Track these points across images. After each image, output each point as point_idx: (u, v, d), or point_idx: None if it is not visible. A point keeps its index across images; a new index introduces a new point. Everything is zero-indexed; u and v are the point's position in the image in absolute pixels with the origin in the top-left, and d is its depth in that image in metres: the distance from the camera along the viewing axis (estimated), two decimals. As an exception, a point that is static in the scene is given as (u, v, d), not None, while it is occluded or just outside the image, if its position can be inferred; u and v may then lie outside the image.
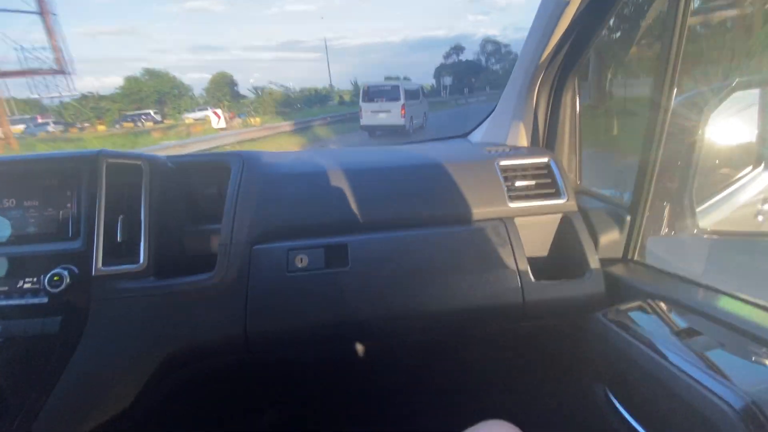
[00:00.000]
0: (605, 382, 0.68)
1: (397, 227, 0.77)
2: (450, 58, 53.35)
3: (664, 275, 0.71)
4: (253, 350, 0.70)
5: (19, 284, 0.64)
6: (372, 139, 12.33)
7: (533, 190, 0.83)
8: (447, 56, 53.82)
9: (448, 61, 52.17)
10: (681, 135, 0.73)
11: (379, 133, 12.46)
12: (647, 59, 0.84)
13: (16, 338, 0.62)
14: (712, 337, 0.55)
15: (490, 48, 53.40)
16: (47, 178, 0.68)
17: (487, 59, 53.00)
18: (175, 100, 33.05)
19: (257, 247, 0.72)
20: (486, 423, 0.50)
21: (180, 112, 29.30)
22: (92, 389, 0.63)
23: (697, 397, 0.47)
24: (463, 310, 0.73)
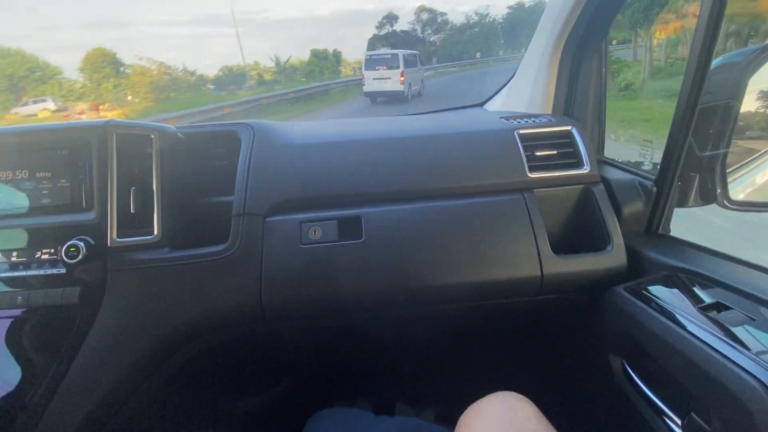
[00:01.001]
0: (623, 356, 0.68)
1: (412, 199, 0.75)
2: (383, 28, 51.82)
3: (691, 248, 0.69)
4: (268, 320, 0.70)
5: (37, 255, 0.65)
6: (374, 105, 13.33)
7: (554, 160, 0.80)
8: (380, 27, 52.05)
9: (382, 32, 50.70)
10: (715, 100, 0.69)
11: (380, 99, 13.42)
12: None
13: (38, 308, 0.63)
14: (741, 312, 0.53)
15: (425, 17, 52.01)
16: (57, 149, 0.67)
17: (424, 29, 51.83)
18: (37, 85, 26.30)
19: (270, 219, 0.71)
20: (497, 394, 0.49)
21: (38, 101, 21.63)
22: (112, 358, 0.64)
23: (724, 372, 0.46)
24: (479, 283, 0.72)
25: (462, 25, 51.65)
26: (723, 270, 0.61)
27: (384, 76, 12.96)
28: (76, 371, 0.62)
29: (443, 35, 49.88)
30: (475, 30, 49.60)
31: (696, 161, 0.70)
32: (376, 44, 43.95)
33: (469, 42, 44.57)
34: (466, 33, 49.57)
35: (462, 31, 50.28)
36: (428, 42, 50.12)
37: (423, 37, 50.82)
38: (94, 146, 0.67)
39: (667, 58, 4.62)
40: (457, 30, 50.68)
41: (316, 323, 0.76)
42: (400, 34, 48.45)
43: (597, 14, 0.84)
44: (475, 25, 50.33)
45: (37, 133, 0.68)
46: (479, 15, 50.62)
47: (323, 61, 36.67)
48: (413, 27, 51.52)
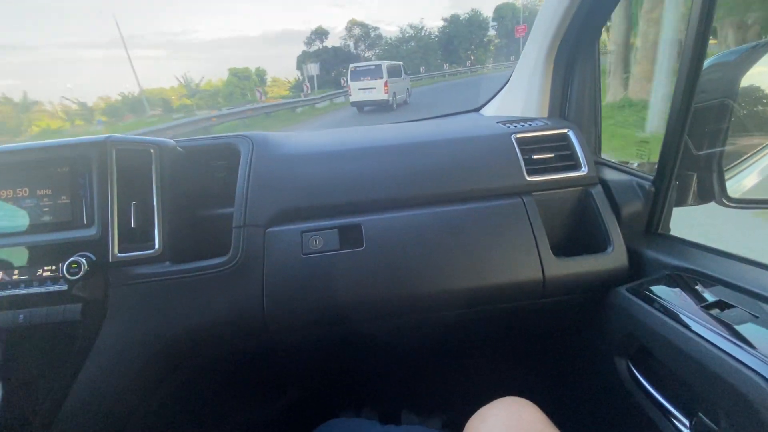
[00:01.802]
0: (628, 357, 0.67)
1: (411, 206, 0.75)
2: (313, 44, 47.65)
3: (691, 247, 0.69)
4: (271, 332, 0.70)
5: (38, 272, 0.65)
6: (361, 114, 13.76)
7: (552, 162, 0.80)
8: (309, 43, 47.63)
9: (312, 49, 46.67)
10: (710, 99, 0.69)
11: (367, 108, 13.92)
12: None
13: (40, 326, 0.63)
14: (745, 309, 0.53)
15: (358, 32, 48.85)
16: (57, 166, 0.68)
17: (357, 45, 48.41)
18: None
19: (271, 229, 0.71)
20: (502, 400, 0.49)
21: None
22: (116, 373, 0.64)
23: (731, 371, 0.46)
24: (481, 288, 0.71)
25: (397, 40, 48.12)
26: (725, 268, 0.61)
27: (369, 86, 13.45)
28: (80, 387, 0.61)
29: (378, 50, 47.11)
30: (411, 44, 46.59)
31: (693, 160, 0.71)
32: (306, 61, 39.03)
33: (407, 57, 40.49)
34: (403, 48, 46.44)
35: (398, 46, 46.97)
36: (362, 58, 45.43)
37: (356, 53, 47.64)
38: (94, 162, 0.67)
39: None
40: (392, 45, 47.45)
41: (319, 333, 0.76)
42: (331, 50, 45.10)
43: (589, 17, 0.85)
44: (411, 39, 47.24)
45: (37, 151, 0.68)
46: (414, 28, 47.50)
47: (245, 81, 33.84)
48: (345, 42, 48.46)
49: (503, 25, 45.75)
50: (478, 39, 47.63)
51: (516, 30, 33.03)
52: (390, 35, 49.94)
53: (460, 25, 46.79)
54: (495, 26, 47.75)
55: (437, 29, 48.96)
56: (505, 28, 45.15)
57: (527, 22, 36.17)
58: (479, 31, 47.13)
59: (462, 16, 47.85)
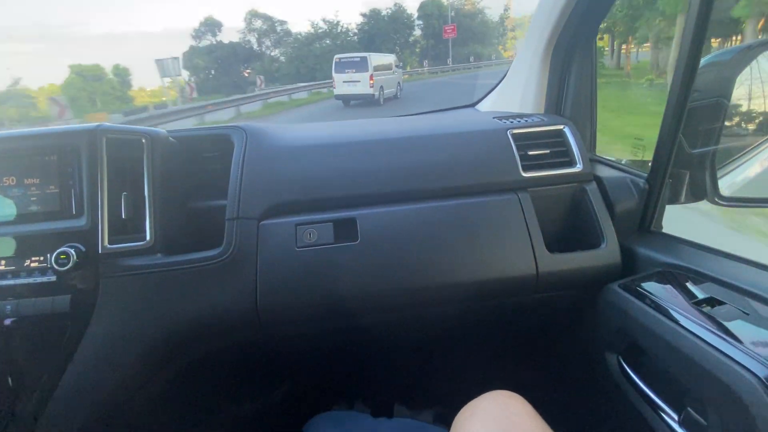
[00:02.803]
0: (619, 352, 0.68)
1: (407, 200, 0.75)
2: (203, 39, 35.37)
3: (684, 244, 0.69)
4: (264, 325, 0.70)
5: (26, 263, 0.64)
6: (347, 108, 12.88)
7: (547, 159, 0.80)
8: (198, 36, 35.13)
9: (202, 43, 35.23)
10: (704, 98, 0.70)
11: (353, 102, 13.10)
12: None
13: (28, 318, 0.62)
14: (735, 307, 0.54)
15: (260, 26, 37.87)
16: (46, 155, 0.66)
17: (260, 41, 37.68)
18: None
19: (265, 222, 0.71)
20: (491, 393, 0.49)
21: None
22: (106, 367, 0.63)
23: (719, 366, 0.46)
24: (475, 283, 0.72)
25: (309, 36, 37.87)
26: (716, 265, 0.62)
27: (353, 79, 12.67)
28: (69, 380, 0.60)
29: (288, 49, 37.22)
30: (326, 42, 37.39)
31: (687, 158, 0.71)
32: (194, 59, 32.75)
33: (322, 57, 32.54)
34: (316, 45, 36.97)
35: (309, 43, 36.99)
36: (268, 57, 37.31)
37: (260, 51, 37.66)
38: (84, 151, 0.66)
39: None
40: (303, 42, 37.16)
41: (312, 327, 0.76)
42: (228, 46, 35.14)
43: (587, 14, 0.85)
44: (325, 36, 38.00)
45: (24, 139, 0.66)
46: (329, 23, 38.59)
47: (94, 82, 25.09)
48: (244, 37, 37.46)
49: (430, 25, 38.72)
50: (403, 39, 40.28)
51: (444, 30, 28.68)
52: (301, 31, 40.08)
53: (382, 21, 39.13)
54: (421, 25, 40.18)
55: (356, 26, 40.60)
56: (432, 27, 38.22)
57: (455, 22, 33.14)
58: (404, 30, 40.05)
59: (383, 12, 39.84)
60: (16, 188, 0.65)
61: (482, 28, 42.33)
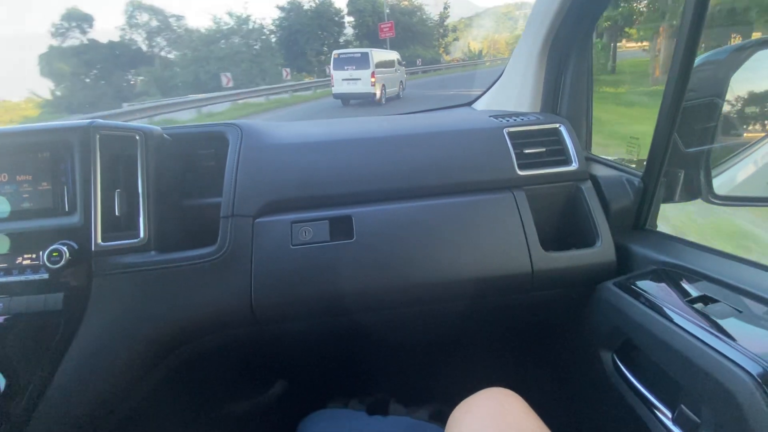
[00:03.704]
0: (614, 350, 0.68)
1: (402, 198, 0.75)
2: (68, 36, 25.99)
3: (678, 243, 0.70)
4: (259, 323, 0.69)
5: (18, 261, 0.63)
6: (346, 108, 12.30)
7: (543, 157, 0.80)
8: (60, 34, 25.82)
9: (66, 43, 26.05)
10: (699, 97, 0.70)
11: (353, 101, 12.42)
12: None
13: (21, 315, 0.61)
14: (729, 305, 0.54)
15: (147, 21, 28.87)
16: (39, 151, 0.65)
17: (150, 40, 28.81)
18: None
19: (260, 220, 0.70)
20: (486, 390, 0.50)
21: None
22: (99, 364, 0.62)
23: (713, 364, 0.47)
24: (470, 281, 0.72)
25: (210, 33, 29.12)
26: (710, 264, 0.62)
27: (353, 76, 11.94)
28: (62, 379, 0.60)
29: (188, 52, 28.07)
30: (234, 41, 29.05)
31: (681, 157, 0.72)
32: (55, 63, 24.14)
33: (228, 60, 25.95)
34: (220, 45, 28.42)
35: (213, 42, 28.32)
36: (161, 60, 28.44)
37: (151, 53, 28.57)
38: (77, 148, 0.65)
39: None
40: (202, 41, 28.67)
41: (307, 325, 0.76)
42: (106, 46, 25.99)
43: (583, 12, 0.85)
44: (233, 33, 29.45)
45: (16, 135, 0.66)
46: (236, 18, 29.94)
47: None
48: (126, 36, 27.96)
49: (363, 22, 32.84)
50: (333, 38, 33.46)
51: (380, 29, 23.37)
52: (200, 27, 32.37)
53: (305, 17, 31.97)
54: (352, 22, 34.33)
55: (272, 21, 33.12)
56: (366, 26, 32.63)
57: (392, 19, 27.99)
58: (333, 28, 33.32)
59: (306, 5, 32.72)
60: (8, 185, 0.65)
61: (422, 27, 37.50)
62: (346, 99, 12.44)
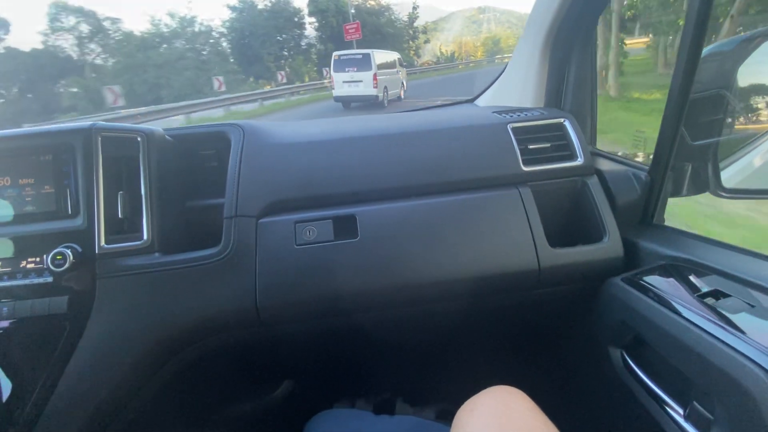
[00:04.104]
0: (622, 347, 0.68)
1: (406, 196, 0.75)
2: None
3: (687, 237, 0.69)
4: (264, 324, 0.69)
5: (22, 264, 0.63)
6: (347, 111, 11.67)
7: (548, 153, 0.80)
8: None
9: None
10: (706, 89, 0.69)
11: (354, 104, 11.95)
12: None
13: (25, 319, 0.61)
14: (740, 299, 0.53)
15: (73, 24, 24.36)
16: (40, 154, 0.65)
17: (81, 45, 24.33)
18: None
19: (263, 220, 0.70)
20: (492, 389, 0.49)
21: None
22: (104, 367, 0.62)
23: (726, 359, 0.46)
24: (476, 278, 0.71)
25: (148, 37, 25.04)
26: (719, 258, 0.61)
27: (355, 78, 11.48)
28: (67, 382, 0.60)
29: (121, 59, 23.55)
30: (176, 45, 24.96)
31: (688, 151, 0.71)
32: None
33: (170, 67, 22.13)
34: (161, 50, 24.32)
35: (148, 48, 24.09)
36: (92, 68, 24.06)
37: (83, 61, 24.20)
38: (79, 151, 0.65)
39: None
40: (136, 46, 24.16)
41: (313, 325, 0.75)
42: (27, 54, 22.07)
43: (586, 6, 0.84)
44: (175, 37, 25.30)
45: (18, 139, 0.65)
46: (179, 20, 25.74)
47: None
48: (48, 42, 23.62)
49: (327, 23, 29.01)
50: (293, 41, 29.90)
51: (345, 30, 20.46)
52: (135, 30, 27.19)
53: (259, 17, 28.06)
54: (315, 24, 30.28)
55: (221, 22, 29.17)
56: (330, 27, 28.74)
57: (358, 20, 24.11)
58: (292, 30, 29.57)
59: (260, 4, 28.83)
60: (11, 189, 0.64)
61: (391, 28, 34.21)
62: (347, 102, 12.02)
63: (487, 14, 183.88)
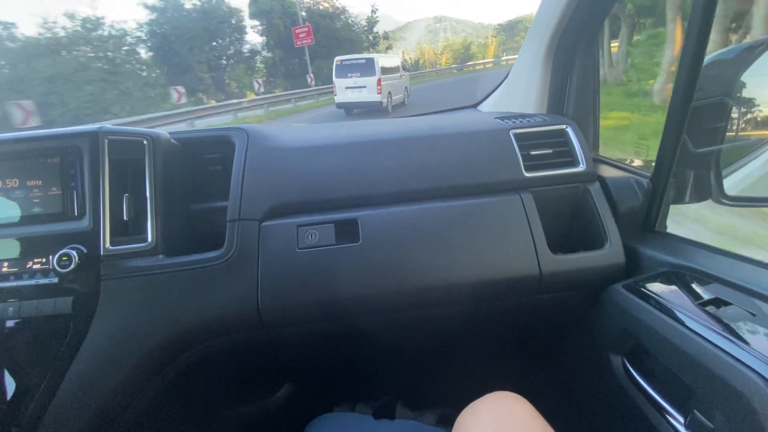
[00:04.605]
0: (623, 354, 0.67)
1: (408, 200, 0.75)
2: None
3: (688, 245, 0.69)
4: (265, 326, 0.69)
5: (28, 265, 0.64)
6: (349, 117, 11.07)
7: (550, 159, 0.80)
8: None
9: None
10: (708, 97, 0.69)
11: (356, 111, 11.49)
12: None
13: (31, 319, 0.62)
14: (742, 307, 0.53)
15: None
16: (48, 157, 0.66)
17: None
18: None
19: (266, 223, 0.71)
20: (493, 394, 0.49)
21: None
22: (108, 368, 0.63)
23: (726, 368, 0.46)
24: (477, 284, 0.71)
25: (40, 43, 16.15)
26: (721, 266, 0.61)
27: (358, 84, 11.03)
28: (71, 382, 0.60)
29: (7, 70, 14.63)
30: (63, 54, 16.54)
31: (691, 158, 0.71)
32: None
33: (60, 79, 15.00)
34: (58, 61, 15.76)
35: (36, 57, 15.32)
36: None
37: None
38: (86, 153, 0.66)
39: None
40: (24, 55, 15.34)
41: (314, 328, 0.75)
42: None
43: (590, 11, 0.84)
44: (76, 43, 17.14)
45: (26, 141, 0.66)
46: (82, 23, 17.82)
47: None
48: None
49: (273, 27, 24.39)
50: (234, 48, 24.67)
51: (294, 35, 17.49)
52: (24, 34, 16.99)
53: (186, 18, 22.14)
54: (259, 28, 25.40)
55: (137, 26, 22.49)
56: (277, 31, 24.28)
57: (310, 23, 20.61)
58: (232, 34, 24.30)
59: (187, 3, 22.80)
60: (19, 190, 0.65)
61: (348, 33, 28.88)
62: (350, 108, 11.50)
63: (443, 23, 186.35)
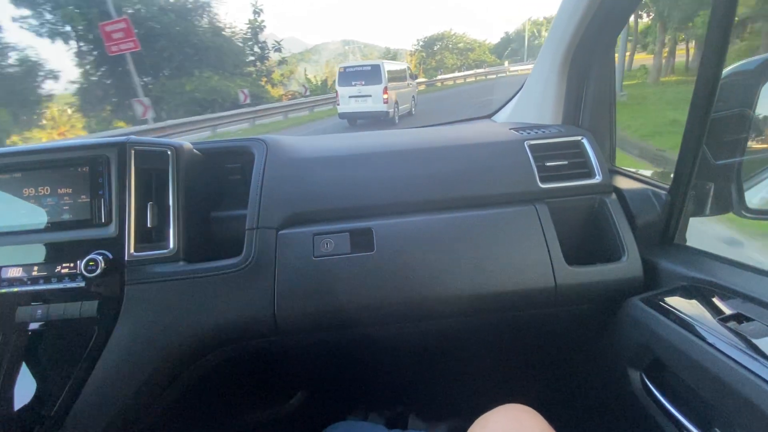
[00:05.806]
0: (642, 369, 0.66)
1: (423, 211, 0.76)
2: None
3: (708, 258, 0.67)
4: (281, 332, 0.71)
5: (57, 269, 0.67)
6: (353, 128, 10.54)
7: (565, 170, 0.79)
8: None
9: None
10: (728, 108, 0.68)
11: (360, 121, 10.79)
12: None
13: (56, 321, 0.65)
14: (764, 323, 0.52)
15: None
16: (78, 166, 0.69)
17: None
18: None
19: (283, 232, 0.72)
20: (504, 406, 0.49)
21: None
22: (129, 370, 0.65)
23: (747, 385, 0.45)
24: (491, 295, 0.71)
25: None
26: (742, 280, 0.60)
27: (363, 93, 10.22)
28: (94, 384, 0.62)
29: None
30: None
31: (710, 170, 0.70)
32: None
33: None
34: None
35: None
36: None
37: None
38: (114, 163, 0.69)
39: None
40: None
41: (328, 336, 0.76)
42: None
43: (605, 23, 0.84)
44: None
45: (59, 151, 0.70)
46: None
47: None
48: None
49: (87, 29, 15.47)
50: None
51: (103, 32, 9.79)
52: None
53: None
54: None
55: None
56: (90, 34, 15.50)
57: (149, 20, 15.27)
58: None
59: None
60: (50, 197, 0.69)
61: (218, 39, 19.02)
62: (354, 119, 10.80)
63: (351, 46, 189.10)
